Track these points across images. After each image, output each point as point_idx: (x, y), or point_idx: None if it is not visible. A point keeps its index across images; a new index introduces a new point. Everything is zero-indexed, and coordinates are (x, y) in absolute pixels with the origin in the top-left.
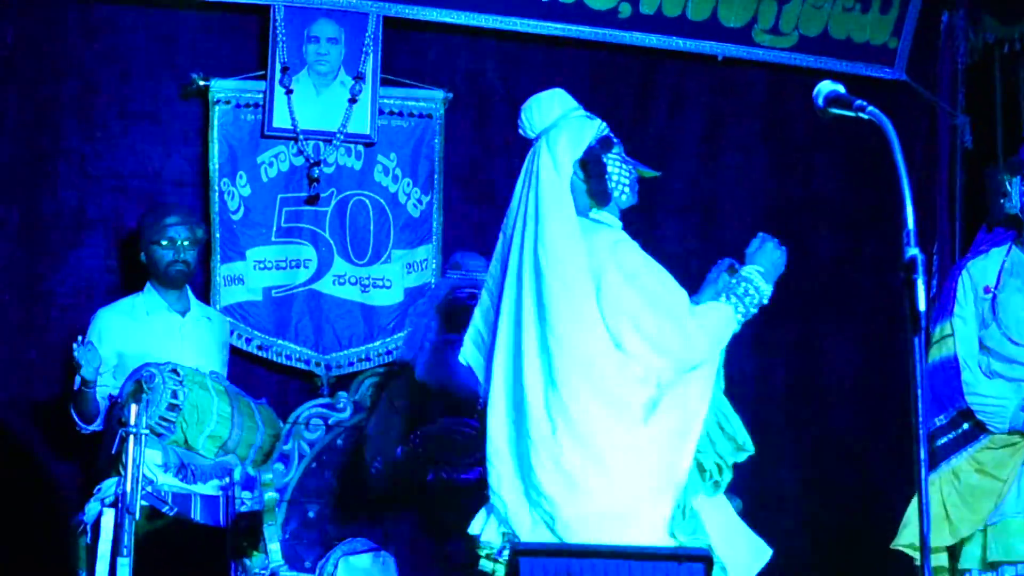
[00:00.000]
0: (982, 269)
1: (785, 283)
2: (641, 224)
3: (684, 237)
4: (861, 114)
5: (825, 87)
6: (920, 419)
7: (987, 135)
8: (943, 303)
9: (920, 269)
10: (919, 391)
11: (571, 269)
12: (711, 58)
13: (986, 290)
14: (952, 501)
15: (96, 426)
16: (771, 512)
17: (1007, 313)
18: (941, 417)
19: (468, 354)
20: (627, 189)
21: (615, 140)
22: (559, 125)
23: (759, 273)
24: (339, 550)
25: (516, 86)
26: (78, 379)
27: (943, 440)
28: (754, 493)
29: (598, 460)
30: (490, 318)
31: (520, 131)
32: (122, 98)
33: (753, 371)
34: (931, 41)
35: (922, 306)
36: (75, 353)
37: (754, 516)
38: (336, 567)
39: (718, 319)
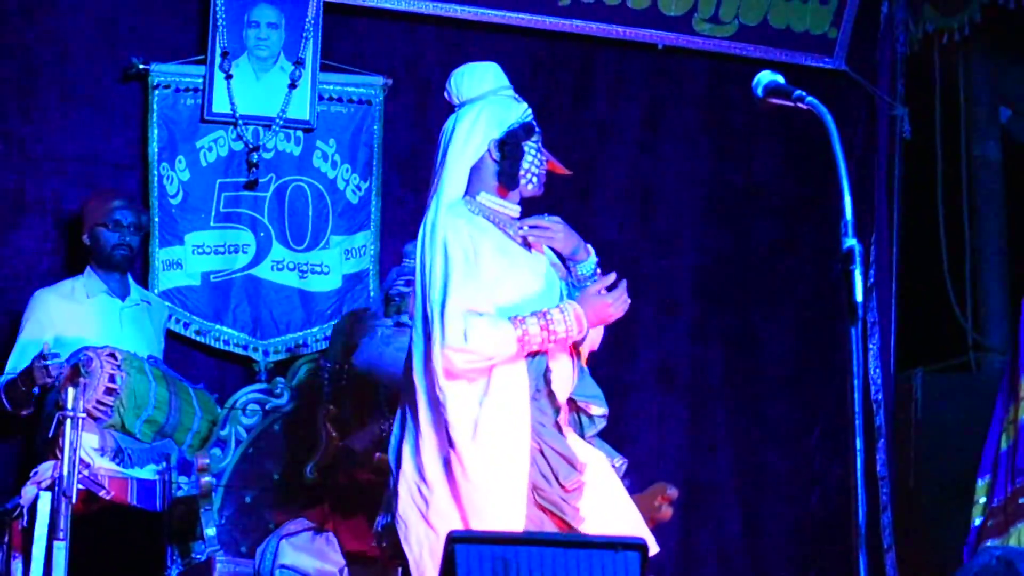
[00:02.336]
0: None
1: (724, 271)
2: (579, 212)
3: (622, 226)
4: (800, 104)
5: (764, 77)
6: (858, 408)
7: (926, 125)
8: None
9: (858, 260)
10: (856, 381)
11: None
12: (651, 46)
13: None
14: None
15: (26, 412)
16: (707, 500)
17: None
18: None
19: None
20: (535, 179)
21: (536, 128)
22: (486, 99)
23: (575, 314)
24: (275, 536)
25: None
26: (21, 379)
27: None
28: (690, 481)
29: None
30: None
31: (445, 95)
32: (62, 80)
33: (690, 359)
34: (871, 31)
35: (859, 297)
36: (48, 365)
37: (690, 504)
38: (276, 552)
39: (493, 334)
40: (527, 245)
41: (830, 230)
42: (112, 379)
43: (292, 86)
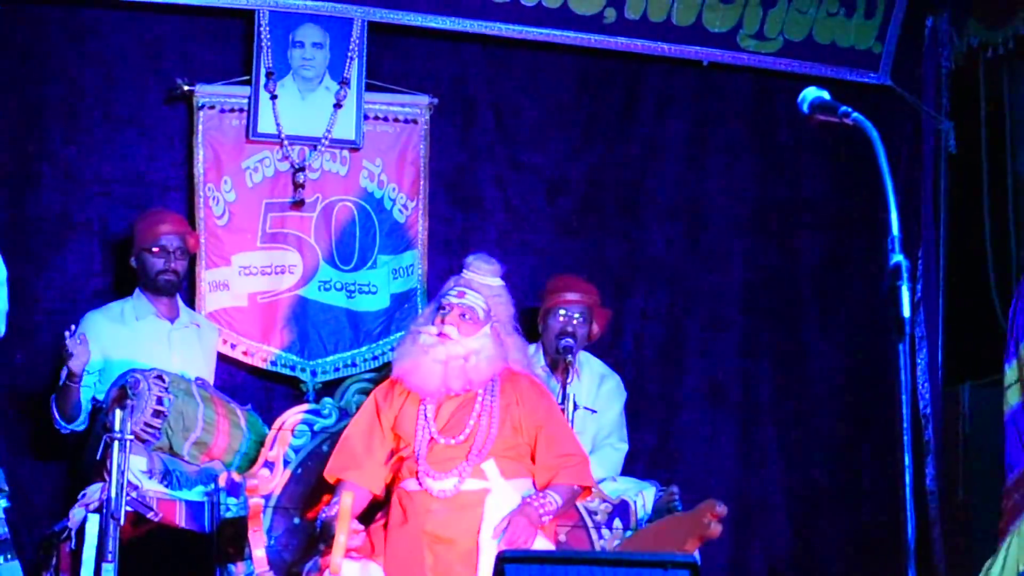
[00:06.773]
0: None
1: (772, 287)
2: (627, 228)
3: (670, 241)
4: (846, 120)
5: (810, 94)
6: (906, 424)
7: (971, 140)
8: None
9: (905, 276)
10: (904, 396)
11: None
12: (696, 63)
13: None
14: None
15: (77, 425)
16: (757, 516)
17: None
18: None
19: None
20: None
21: None
22: None
23: None
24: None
25: (501, 91)
26: (64, 372)
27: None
28: (740, 496)
29: None
30: None
31: None
32: (107, 102)
33: (739, 375)
34: (916, 46)
35: (907, 312)
36: (66, 342)
37: (740, 520)
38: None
39: None
40: None
41: (878, 245)
42: (160, 401)
43: (337, 106)
